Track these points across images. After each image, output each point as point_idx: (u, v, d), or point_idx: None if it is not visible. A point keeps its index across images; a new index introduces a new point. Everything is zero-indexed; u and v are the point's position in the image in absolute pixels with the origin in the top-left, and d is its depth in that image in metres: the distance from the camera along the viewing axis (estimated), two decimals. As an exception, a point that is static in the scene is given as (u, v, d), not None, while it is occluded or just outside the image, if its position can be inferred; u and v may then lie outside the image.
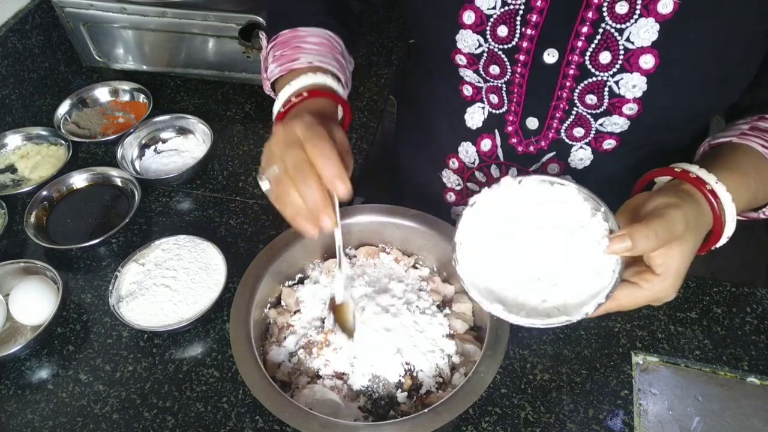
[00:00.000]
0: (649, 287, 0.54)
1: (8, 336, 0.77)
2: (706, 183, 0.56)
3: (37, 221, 0.88)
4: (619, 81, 0.63)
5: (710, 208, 0.57)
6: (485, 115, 0.75)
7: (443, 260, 0.76)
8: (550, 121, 0.71)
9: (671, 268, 0.53)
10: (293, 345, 0.69)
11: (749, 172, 0.61)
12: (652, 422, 0.66)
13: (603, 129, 0.69)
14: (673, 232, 0.52)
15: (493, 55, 0.68)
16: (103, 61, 1.11)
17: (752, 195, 0.61)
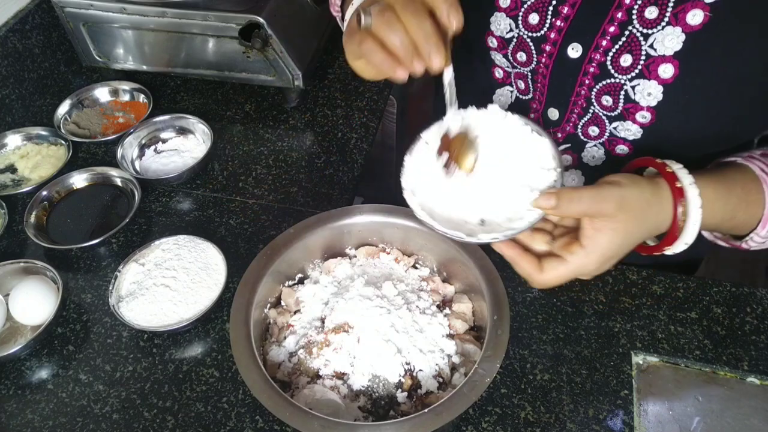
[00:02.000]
0: (573, 259, 0.54)
1: (8, 336, 0.77)
2: (677, 180, 0.56)
3: (37, 221, 0.88)
4: (636, 86, 0.63)
5: (672, 203, 0.55)
6: (512, 99, 0.76)
7: (443, 260, 0.76)
8: (569, 114, 0.71)
9: (598, 244, 0.53)
10: (293, 345, 0.69)
11: (734, 188, 0.60)
12: (652, 422, 0.66)
13: (617, 133, 0.69)
14: (600, 206, 0.52)
15: (522, 42, 0.69)
16: (103, 61, 1.11)
17: (730, 212, 0.60)
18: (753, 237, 0.63)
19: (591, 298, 0.76)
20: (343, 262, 0.77)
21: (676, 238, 0.57)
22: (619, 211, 0.53)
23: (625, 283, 0.78)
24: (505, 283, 0.68)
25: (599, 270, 0.56)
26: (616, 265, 0.58)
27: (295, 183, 0.95)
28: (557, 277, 0.55)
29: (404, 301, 0.70)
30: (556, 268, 0.55)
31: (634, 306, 0.76)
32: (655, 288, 0.77)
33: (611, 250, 0.54)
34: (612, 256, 0.55)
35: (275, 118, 1.07)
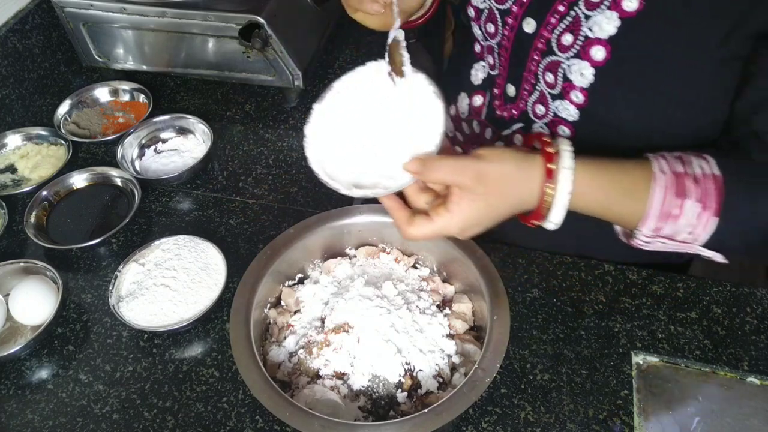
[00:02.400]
0: (437, 220, 0.58)
1: (8, 336, 0.77)
2: (553, 161, 0.57)
3: (37, 221, 0.88)
4: (572, 66, 0.64)
5: (541, 187, 0.57)
6: (485, 74, 0.78)
7: (443, 260, 0.76)
8: (522, 91, 0.72)
9: (459, 211, 0.57)
10: (293, 345, 0.69)
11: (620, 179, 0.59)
12: (652, 422, 0.66)
13: (558, 113, 0.70)
14: (457, 177, 0.56)
15: (491, 13, 0.71)
16: (103, 61, 1.11)
17: (608, 202, 0.59)
18: (638, 235, 0.61)
19: (591, 298, 0.76)
20: (343, 262, 0.77)
21: (543, 217, 0.59)
22: (478, 184, 0.56)
23: (625, 283, 0.78)
24: (505, 283, 0.68)
25: (464, 234, 0.59)
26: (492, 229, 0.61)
27: (295, 183, 0.95)
28: (422, 234, 0.59)
29: (404, 301, 0.70)
30: (423, 225, 0.58)
31: (634, 306, 0.76)
32: (655, 288, 0.77)
33: (471, 219, 0.58)
34: (474, 224, 0.58)
35: (275, 118, 1.07)
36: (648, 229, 0.59)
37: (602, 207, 0.60)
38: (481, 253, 0.71)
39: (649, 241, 0.61)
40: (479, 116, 0.80)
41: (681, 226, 0.58)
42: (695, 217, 0.57)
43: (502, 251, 0.81)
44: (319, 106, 0.62)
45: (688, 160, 0.59)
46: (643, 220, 0.59)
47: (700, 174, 0.57)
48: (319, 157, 0.61)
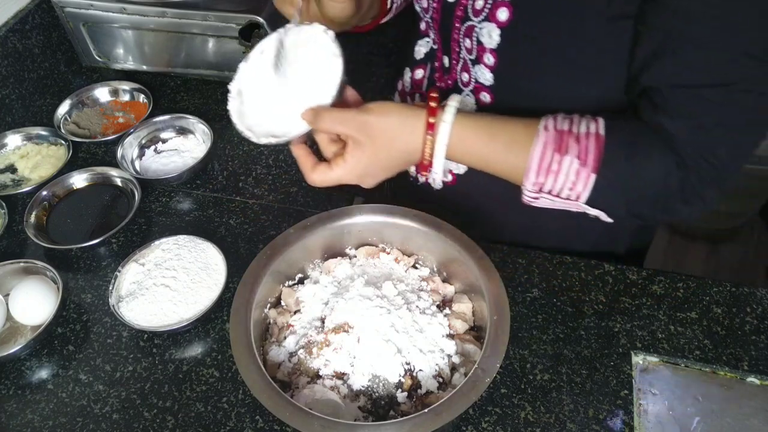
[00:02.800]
0: (336, 169, 0.63)
1: (8, 336, 0.77)
2: (435, 114, 0.61)
3: (37, 221, 0.88)
4: (483, 28, 0.65)
5: (423, 139, 0.62)
6: (427, 49, 0.79)
7: (443, 260, 0.76)
8: (452, 61, 0.73)
9: (352, 161, 0.62)
10: (293, 345, 0.69)
11: (499, 134, 0.63)
12: (652, 422, 0.66)
13: (478, 78, 0.70)
14: (342, 127, 0.61)
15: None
16: (103, 61, 1.11)
17: (489, 156, 0.63)
18: (523, 189, 0.64)
19: (591, 298, 0.76)
20: (343, 262, 0.77)
21: (427, 168, 0.64)
22: (364, 136, 0.61)
23: (625, 283, 0.78)
24: (505, 283, 0.68)
25: (362, 182, 0.65)
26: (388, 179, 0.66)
27: (295, 183, 0.95)
28: (322, 180, 0.64)
29: (404, 301, 0.70)
30: (324, 172, 0.64)
31: (634, 306, 0.76)
32: (655, 288, 0.77)
33: (363, 168, 0.63)
34: (367, 173, 0.64)
35: (275, 118, 1.07)
36: (530, 183, 0.62)
37: (483, 160, 0.64)
38: (481, 253, 0.71)
39: (536, 197, 0.64)
40: (421, 89, 0.82)
41: (561, 182, 0.61)
42: (574, 173, 0.60)
43: (502, 251, 0.81)
44: (244, 65, 0.67)
45: (577, 121, 0.62)
46: (525, 174, 0.62)
47: (584, 132, 0.60)
48: (240, 111, 0.66)
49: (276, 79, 0.66)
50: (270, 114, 0.66)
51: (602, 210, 0.62)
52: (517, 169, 0.62)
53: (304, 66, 0.66)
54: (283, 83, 0.66)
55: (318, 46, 0.64)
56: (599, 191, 0.60)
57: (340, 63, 0.63)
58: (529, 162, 0.61)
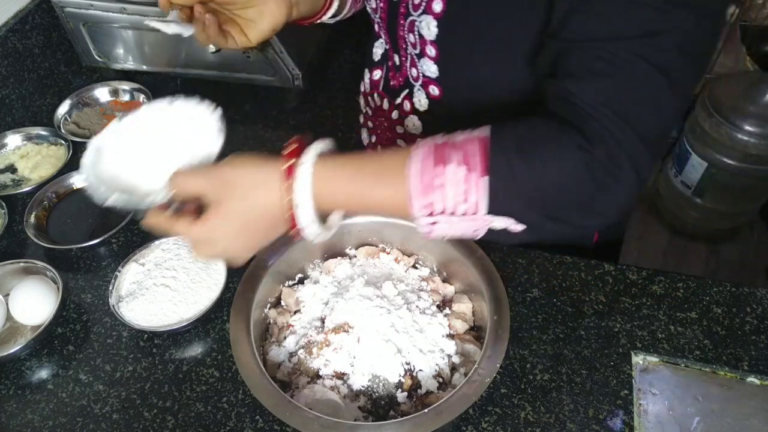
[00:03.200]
0: (195, 227, 0.57)
1: (8, 336, 0.77)
2: (292, 157, 0.55)
3: (37, 221, 0.88)
4: (422, 21, 0.65)
5: (281, 185, 0.55)
6: (382, 50, 0.80)
7: (443, 260, 0.76)
8: (402, 58, 0.74)
9: (213, 222, 0.56)
10: (293, 345, 0.69)
11: (365, 167, 0.56)
12: (652, 422, 0.66)
13: (425, 72, 0.71)
14: (202, 186, 0.56)
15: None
16: (103, 61, 1.11)
17: (360, 192, 0.55)
18: (417, 221, 0.55)
19: (591, 298, 0.76)
20: (343, 262, 0.77)
21: (295, 223, 0.56)
22: (218, 190, 0.56)
23: (625, 283, 0.78)
24: (505, 283, 0.68)
25: (226, 251, 0.58)
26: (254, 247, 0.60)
27: (295, 183, 0.95)
28: (186, 233, 0.58)
29: (404, 301, 0.70)
30: (187, 227, 0.57)
31: (634, 306, 0.76)
32: (655, 288, 0.77)
33: (223, 231, 0.56)
34: (224, 234, 0.57)
35: (275, 118, 1.07)
36: (417, 207, 0.53)
37: (355, 199, 0.56)
38: (481, 253, 0.71)
39: (432, 222, 0.54)
40: (378, 89, 0.82)
41: (452, 196, 0.52)
42: (463, 181, 0.51)
43: (502, 251, 0.81)
44: (115, 124, 0.68)
45: (457, 134, 0.55)
46: (408, 201, 0.53)
47: (461, 139, 0.53)
48: (95, 167, 0.66)
49: (146, 147, 0.66)
50: (130, 177, 0.65)
51: (509, 216, 0.53)
52: (397, 198, 0.54)
53: (181, 139, 0.66)
54: (153, 152, 0.66)
55: (201, 121, 0.65)
56: (497, 195, 0.51)
57: (220, 143, 0.63)
58: (408, 184, 0.52)
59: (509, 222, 0.53)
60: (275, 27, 0.70)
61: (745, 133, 1.67)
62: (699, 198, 1.92)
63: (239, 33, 0.70)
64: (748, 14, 2.00)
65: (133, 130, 0.67)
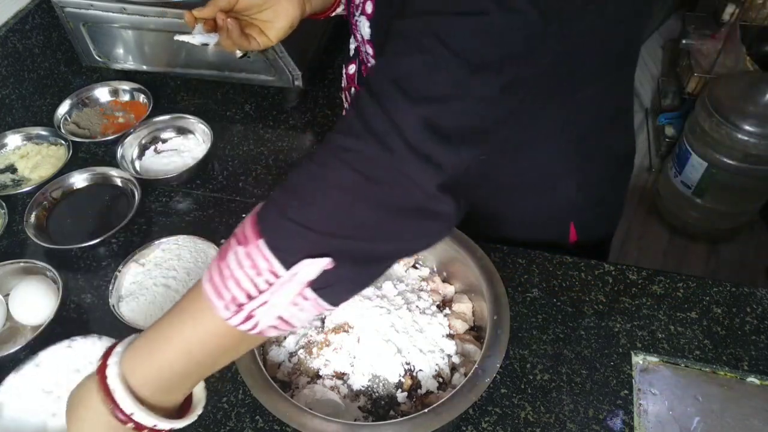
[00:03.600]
0: None
1: (8, 336, 0.77)
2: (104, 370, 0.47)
3: (37, 221, 0.88)
4: (359, 22, 0.66)
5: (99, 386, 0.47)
6: (355, 45, 0.79)
7: (443, 260, 0.76)
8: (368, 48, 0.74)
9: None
10: (293, 345, 0.69)
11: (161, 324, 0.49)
12: (652, 422, 0.66)
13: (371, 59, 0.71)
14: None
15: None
16: (103, 61, 1.11)
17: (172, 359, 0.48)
18: (232, 323, 0.46)
19: (591, 298, 0.76)
20: (343, 262, 0.77)
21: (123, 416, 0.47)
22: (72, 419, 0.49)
23: (625, 283, 0.78)
24: (505, 283, 0.68)
25: None
26: None
27: (295, 183, 0.95)
28: None
29: (404, 301, 0.70)
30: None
31: (634, 306, 0.76)
32: (655, 288, 0.77)
33: None
34: None
35: (275, 118, 1.07)
36: (223, 309, 0.45)
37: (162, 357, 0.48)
38: (481, 253, 0.71)
39: (247, 316, 0.46)
40: (354, 83, 0.82)
41: (242, 276, 0.45)
42: (246, 257, 0.44)
43: (502, 251, 0.81)
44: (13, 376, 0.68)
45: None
46: (212, 308, 0.46)
47: (237, 230, 0.47)
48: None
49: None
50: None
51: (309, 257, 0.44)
52: (204, 320, 0.47)
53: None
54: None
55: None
56: (283, 245, 0.44)
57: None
58: (204, 296, 0.46)
59: (322, 263, 0.44)
60: (292, 24, 0.74)
61: (745, 133, 1.67)
62: (699, 198, 1.92)
63: (260, 34, 0.74)
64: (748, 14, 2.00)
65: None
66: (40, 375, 0.69)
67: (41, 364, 0.69)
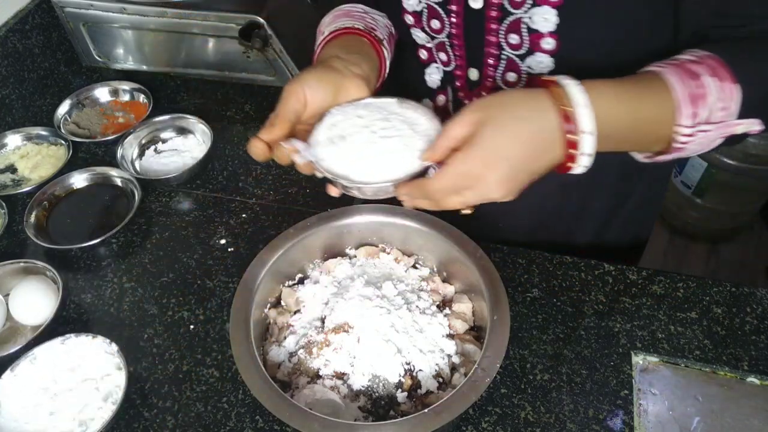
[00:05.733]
0: (453, 163, 0.53)
1: (8, 336, 0.77)
2: (553, 81, 0.54)
3: (37, 221, 0.88)
4: (533, 16, 0.64)
5: (555, 109, 0.52)
6: (441, 74, 0.78)
7: (443, 260, 0.76)
8: (486, 69, 0.72)
9: (475, 144, 0.52)
10: (293, 345, 0.69)
11: (626, 83, 0.56)
12: (652, 422, 0.66)
13: (532, 71, 0.69)
14: (466, 118, 0.53)
15: (432, 10, 0.70)
16: (103, 61, 1.11)
17: (635, 106, 0.55)
18: (678, 131, 0.56)
19: (591, 298, 0.76)
20: (343, 262, 0.77)
21: (572, 158, 0.54)
22: (485, 112, 0.53)
23: (625, 283, 0.78)
24: (505, 283, 0.68)
25: (493, 174, 0.53)
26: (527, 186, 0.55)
27: (295, 183, 0.95)
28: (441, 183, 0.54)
29: (404, 301, 0.70)
30: (438, 175, 0.54)
31: (634, 306, 0.76)
32: (655, 288, 0.77)
33: (498, 147, 0.52)
34: (504, 157, 0.52)
35: (275, 118, 1.07)
36: (687, 117, 0.55)
37: (624, 120, 0.55)
38: (481, 253, 0.71)
39: (692, 134, 0.56)
40: (447, 113, 0.80)
41: (712, 104, 0.55)
42: (720, 90, 0.55)
43: (502, 251, 0.81)
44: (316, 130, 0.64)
45: (676, 56, 0.58)
46: (678, 110, 0.55)
47: (695, 57, 0.56)
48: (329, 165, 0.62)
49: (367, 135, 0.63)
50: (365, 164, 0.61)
51: (756, 116, 0.57)
52: (664, 113, 0.55)
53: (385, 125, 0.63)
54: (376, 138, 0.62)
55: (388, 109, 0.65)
56: (750, 99, 0.55)
57: (422, 110, 0.63)
58: (677, 95, 0.54)
59: (754, 123, 0.57)
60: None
61: (745, 133, 1.67)
62: (699, 198, 1.92)
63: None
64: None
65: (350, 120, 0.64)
66: (36, 372, 0.68)
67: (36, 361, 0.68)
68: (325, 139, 0.63)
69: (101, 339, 0.70)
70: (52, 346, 0.70)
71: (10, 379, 0.67)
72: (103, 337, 0.70)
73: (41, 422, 0.66)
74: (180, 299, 0.79)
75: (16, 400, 0.67)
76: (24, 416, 0.66)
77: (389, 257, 0.77)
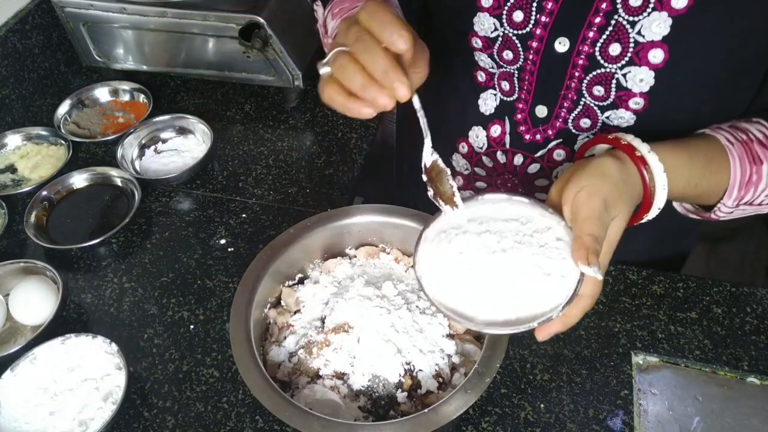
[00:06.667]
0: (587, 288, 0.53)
1: (8, 336, 0.77)
2: (636, 149, 0.57)
3: (37, 221, 0.88)
4: (627, 74, 0.63)
5: (638, 172, 0.57)
6: (497, 102, 0.76)
7: (443, 260, 0.76)
8: (558, 110, 0.71)
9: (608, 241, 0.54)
10: (293, 345, 0.69)
11: (696, 156, 0.61)
12: (652, 422, 0.66)
13: (609, 122, 0.68)
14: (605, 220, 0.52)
15: (508, 40, 0.68)
16: (103, 61, 1.11)
17: (695, 178, 0.60)
18: (720, 207, 0.64)
19: (591, 298, 0.76)
20: (343, 262, 0.77)
21: (651, 204, 0.58)
22: (600, 196, 0.53)
23: (625, 283, 0.78)
24: (505, 283, 0.68)
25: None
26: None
27: (295, 183, 0.95)
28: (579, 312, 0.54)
29: (404, 301, 0.70)
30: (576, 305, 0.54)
31: (634, 306, 0.76)
32: (655, 288, 0.77)
33: (616, 242, 0.55)
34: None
35: (275, 118, 1.07)
36: (732, 199, 0.62)
37: (686, 184, 0.61)
38: (481, 253, 0.71)
39: (731, 211, 0.64)
40: (502, 145, 0.78)
41: (761, 190, 0.62)
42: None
43: (502, 251, 0.81)
44: (420, 251, 0.58)
45: (744, 128, 0.63)
46: (728, 192, 0.62)
47: (762, 138, 0.62)
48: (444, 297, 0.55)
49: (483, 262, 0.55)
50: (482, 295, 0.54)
51: None
52: (716, 188, 0.62)
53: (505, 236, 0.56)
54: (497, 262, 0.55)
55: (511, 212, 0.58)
56: None
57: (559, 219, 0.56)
58: (731, 179, 0.61)
59: None
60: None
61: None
62: (699, 198, 1.92)
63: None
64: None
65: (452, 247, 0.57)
66: (36, 372, 0.69)
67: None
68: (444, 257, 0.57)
69: (101, 339, 0.70)
70: (52, 346, 0.70)
71: (10, 379, 0.67)
72: (103, 337, 0.70)
73: (41, 422, 0.66)
74: (180, 299, 0.79)
75: (16, 400, 0.67)
76: (24, 416, 0.66)
77: (389, 257, 0.77)
